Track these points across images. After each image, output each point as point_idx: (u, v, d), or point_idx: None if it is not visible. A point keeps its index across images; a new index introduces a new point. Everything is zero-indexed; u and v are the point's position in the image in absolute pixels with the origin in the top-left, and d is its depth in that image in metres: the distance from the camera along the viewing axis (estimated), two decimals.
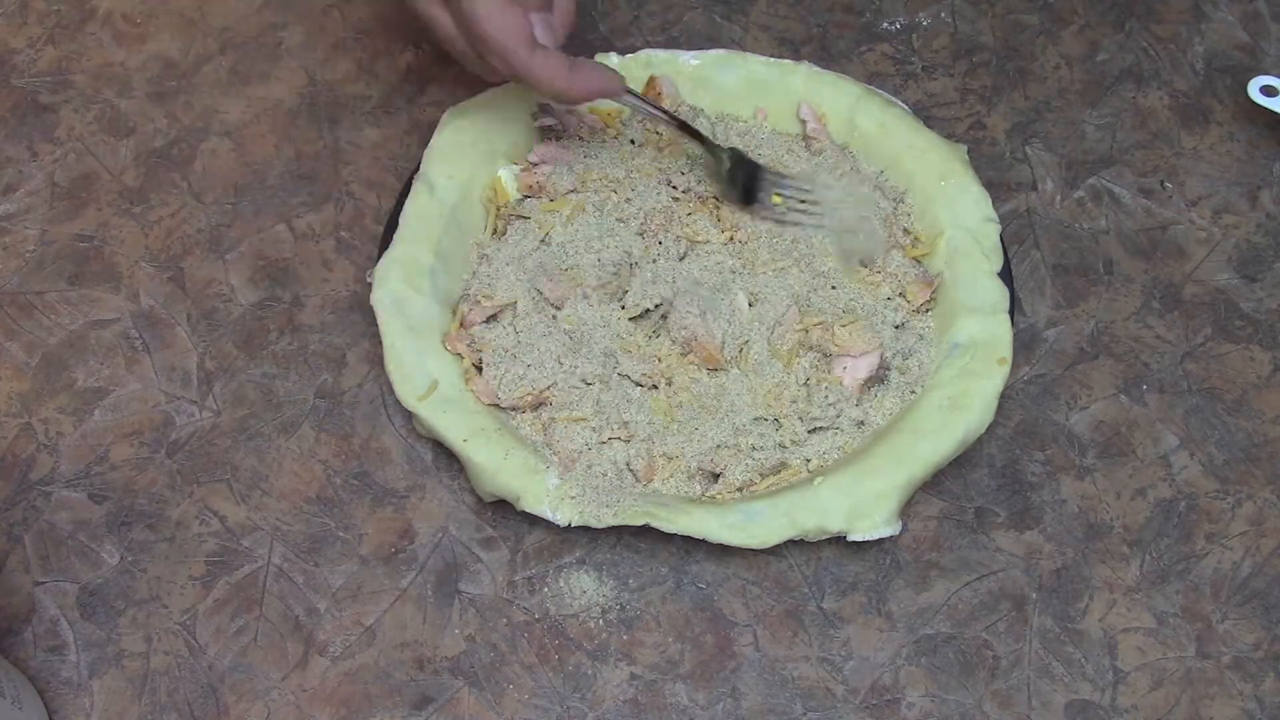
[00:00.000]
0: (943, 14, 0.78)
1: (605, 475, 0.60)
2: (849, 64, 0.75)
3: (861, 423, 0.62)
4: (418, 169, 0.66)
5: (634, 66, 0.71)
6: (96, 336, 0.66)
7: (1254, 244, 0.70)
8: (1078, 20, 0.77)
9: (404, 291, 0.63)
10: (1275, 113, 0.71)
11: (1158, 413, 0.65)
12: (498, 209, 0.67)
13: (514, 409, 0.62)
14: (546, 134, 0.69)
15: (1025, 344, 0.66)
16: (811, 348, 0.63)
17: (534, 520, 0.60)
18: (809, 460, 0.61)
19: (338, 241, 0.69)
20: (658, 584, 0.60)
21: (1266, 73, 0.74)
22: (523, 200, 0.68)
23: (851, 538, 0.58)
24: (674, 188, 0.67)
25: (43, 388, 0.65)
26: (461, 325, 0.64)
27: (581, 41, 0.76)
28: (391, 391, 0.61)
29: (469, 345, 0.63)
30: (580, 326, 0.63)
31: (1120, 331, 0.67)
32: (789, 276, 0.65)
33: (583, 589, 0.60)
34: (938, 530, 0.62)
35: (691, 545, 0.61)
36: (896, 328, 0.65)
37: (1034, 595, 0.60)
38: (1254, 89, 0.71)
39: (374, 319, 0.63)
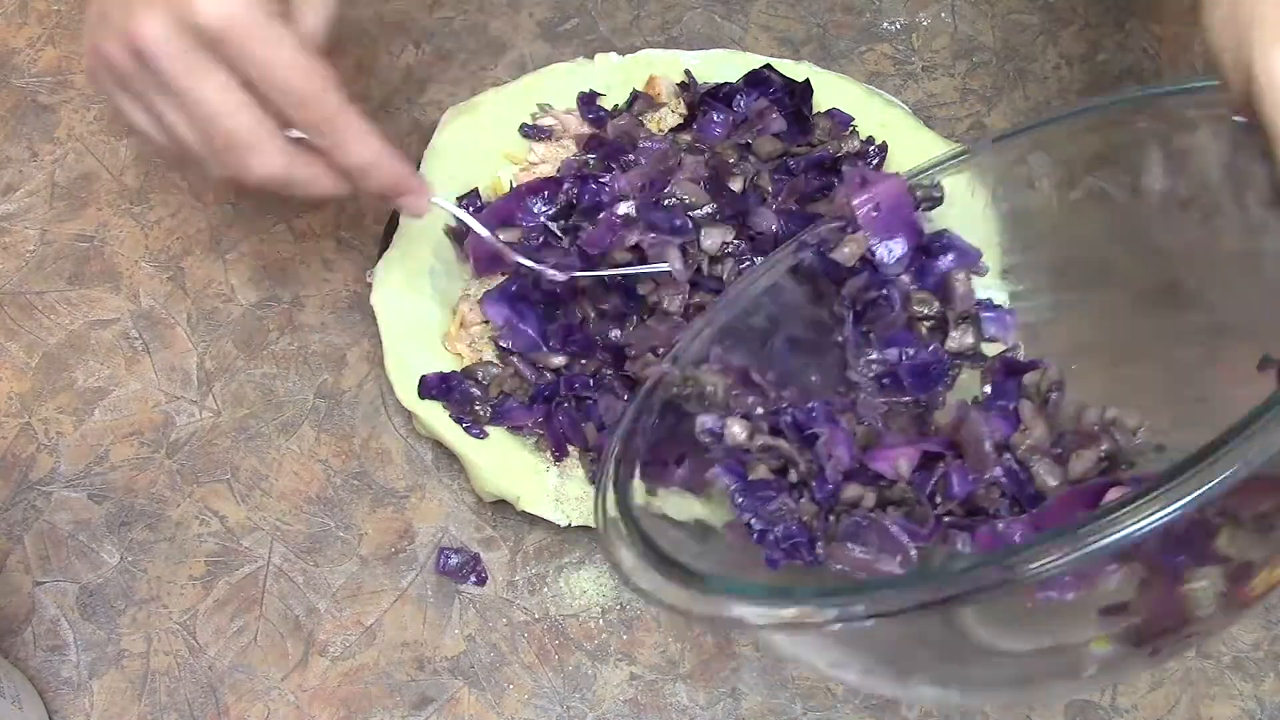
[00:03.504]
0: (943, 14, 0.77)
1: None
2: (849, 64, 0.75)
3: None
4: (417, 169, 0.66)
5: (634, 66, 0.71)
6: (96, 336, 0.66)
7: None
8: (1078, 20, 0.77)
9: (404, 291, 0.63)
10: None
11: None
12: None
13: None
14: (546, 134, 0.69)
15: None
16: None
17: (534, 520, 0.60)
18: None
19: (338, 241, 0.69)
20: None
21: None
22: None
23: None
24: None
25: (43, 388, 0.65)
26: (461, 325, 0.64)
27: (581, 41, 0.76)
28: (391, 391, 0.61)
29: (469, 345, 0.63)
30: None
31: None
32: None
33: (583, 589, 0.60)
34: None
35: None
36: None
37: None
38: None
39: (374, 319, 0.63)
